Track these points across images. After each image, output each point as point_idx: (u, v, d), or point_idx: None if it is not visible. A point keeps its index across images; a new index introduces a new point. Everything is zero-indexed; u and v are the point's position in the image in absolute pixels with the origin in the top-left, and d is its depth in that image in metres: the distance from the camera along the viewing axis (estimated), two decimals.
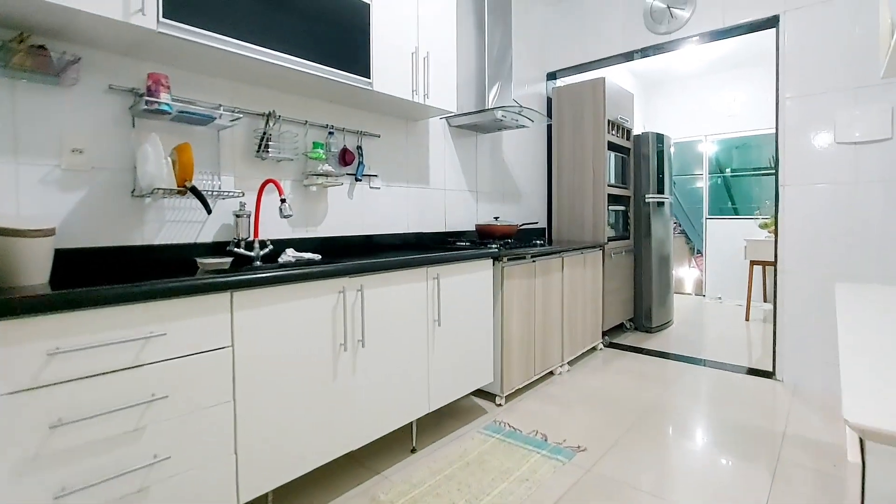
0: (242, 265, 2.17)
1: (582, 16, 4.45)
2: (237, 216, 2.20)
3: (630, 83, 6.89)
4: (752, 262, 5.72)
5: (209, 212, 2.00)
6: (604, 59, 4.40)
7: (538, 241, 3.67)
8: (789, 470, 2.28)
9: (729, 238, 6.82)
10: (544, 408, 3.03)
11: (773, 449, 2.48)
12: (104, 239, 1.90)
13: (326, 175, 2.53)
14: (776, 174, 3.51)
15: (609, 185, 4.43)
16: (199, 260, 2.01)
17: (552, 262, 3.48)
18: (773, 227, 5.85)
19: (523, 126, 3.66)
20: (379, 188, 2.99)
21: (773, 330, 3.51)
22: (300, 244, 2.54)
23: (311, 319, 1.96)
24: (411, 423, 2.54)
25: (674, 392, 3.26)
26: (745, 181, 7.36)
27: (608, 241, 4.41)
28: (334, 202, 2.73)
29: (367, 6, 2.46)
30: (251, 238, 2.26)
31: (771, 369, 3.56)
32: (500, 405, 3.05)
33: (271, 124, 2.34)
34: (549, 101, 4.67)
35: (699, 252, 7.33)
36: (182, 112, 1.93)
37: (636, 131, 5.04)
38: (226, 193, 2.16)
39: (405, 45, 2.71)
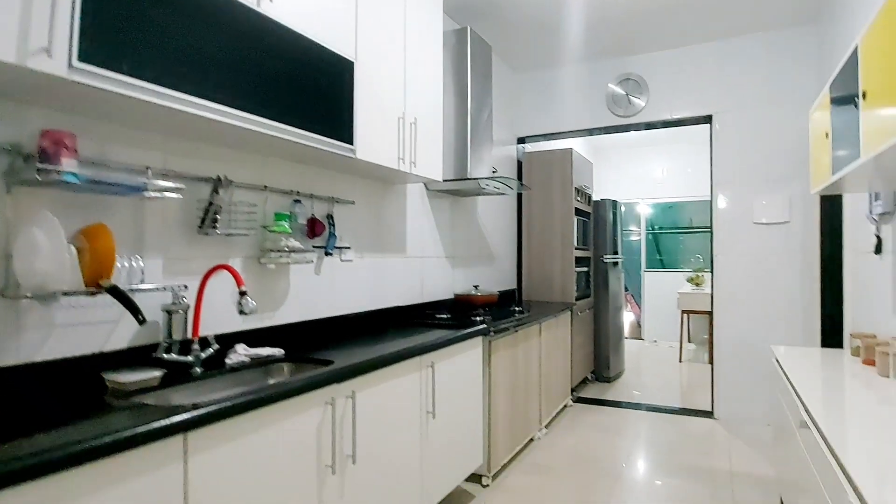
0: (177, 376, 1.40)
1: (551, 89, 3.95)
2: (169, 312, 1.41)
3: (582, 148, 6.50)
4: (683, 311, 5.47)
5: (142, 322, 1.25)
6: (570, 131, 3.92)
7: (516, 308, 3.02)
8: None
9: (662, 288, 6.52)
10: (530, 480, 2.45)
11: (728, 487, 2.39)
12: None
13: (292, 251, 1.79)
14: (711, 245, 3.43)
15: (574, 248, 3.88)
16: (109, 377, 1.24)
17: (531, 329, 2.86)
18: (698, 281, 5.72)
19: (503, 194, 3.06)
20: (351, 260, 2.25)
21: (711, 378, 3.43)
22: (254, 336, 1.74)
23: (293, 443, 1.29)
24: None
25: (640, 443, 2.97)
26: (671, 237, 7.15)
27: (574, 300, 3.83)
28: (298, 281, 1.96)
29: (352, 63, 1.80)
30: (188, 337, 1.48)
31: (710, 409, 3.45)
32: (486, 486, 2.36)
33: (221, 193, 1.55)
34: (520, 164, 4.11)
35: (627, 289, 6.98)
36: (94, 182, 1.18)
37: (595, 197, 4.56)
38: (156, 288, 1.40)
39: (392, 109, 2.05)
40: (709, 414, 3.42)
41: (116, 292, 1.15)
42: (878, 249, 2.03)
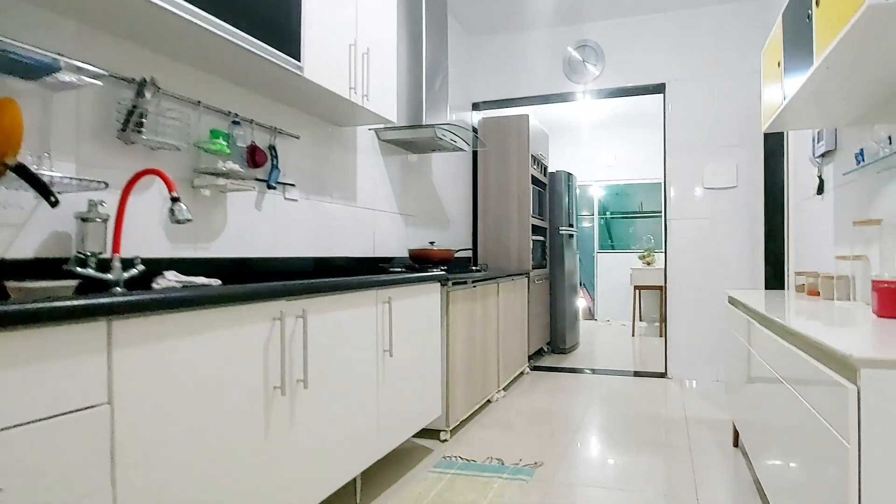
0: (94, 292, 1.23)
1: (507, 54, 3.95)
2: (84, 220, 1.22)
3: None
4: (636, 287, 5.66)
5: (53, 203, 1.06)
6: (527, 97, 3.93)
7: (474, 267, 2.99)
8: (699, 444, 2.32)
9: (614, 269, 6.71)
10: (491, 434, 2.45)
11: (683, 429, 2.50)
12: None
13: (230, 175, 1.65)
14: (664, 211, 3.55)
15: (531, 216, 3.90)
16: (12, 285, 1.06)
17: (489, 288, 2.83)
18: (649, 259, 5.95)
19: (460, 149, 3.00)
20: (296, 200, 2.11)
21: (665, 339, 3.58)
22: (186, 265, 1.57)
23: (237, 356, 1.18)
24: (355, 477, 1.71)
25: (597, 399, 3.05)
26: (622, 223, 7.40)
27: (531, 268, 3.85)
28: (236, 213, 1.80)
29: None
30: (107, 254, 1.30)
31: (663, 370, 3.58)
32: (444, 440, 2.31)
33: (147, 96, 1.37)
34: (475, 131, 4.07)
35: (583, 284, 7.15)
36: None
37: (551, 169, 4.61)
38: (69, 182, 1.21)
39: (343, 34, 1.93)
40: (662, 375, 3.55)
41: (23, 171, 0.98)
42: (821, 190, 2.14)
